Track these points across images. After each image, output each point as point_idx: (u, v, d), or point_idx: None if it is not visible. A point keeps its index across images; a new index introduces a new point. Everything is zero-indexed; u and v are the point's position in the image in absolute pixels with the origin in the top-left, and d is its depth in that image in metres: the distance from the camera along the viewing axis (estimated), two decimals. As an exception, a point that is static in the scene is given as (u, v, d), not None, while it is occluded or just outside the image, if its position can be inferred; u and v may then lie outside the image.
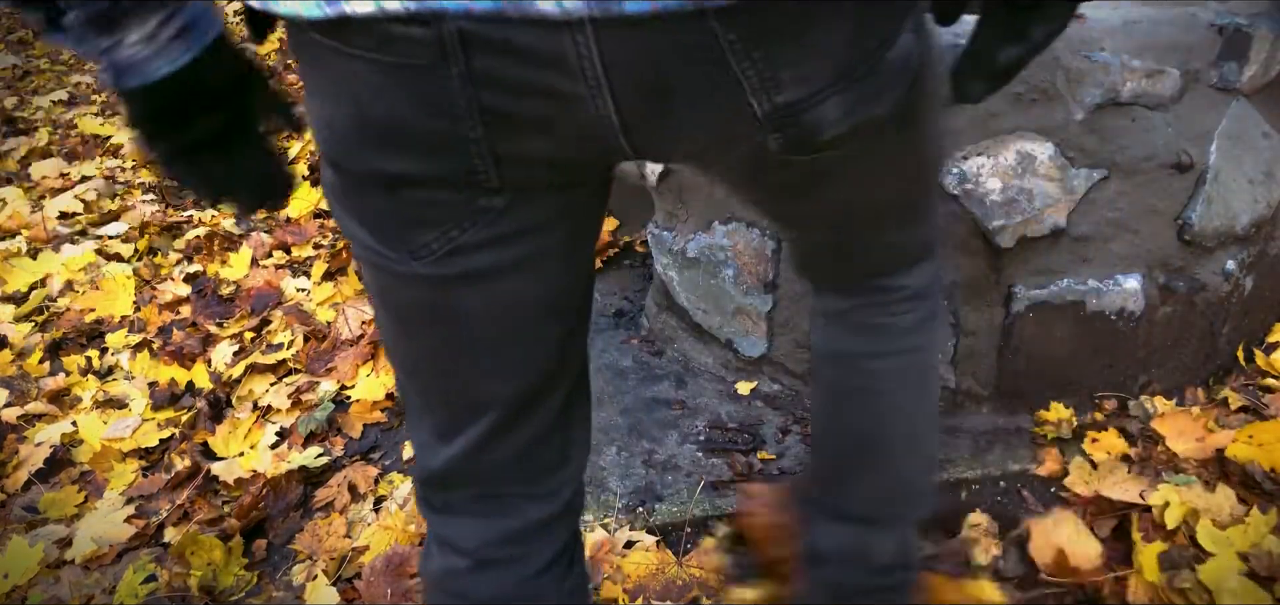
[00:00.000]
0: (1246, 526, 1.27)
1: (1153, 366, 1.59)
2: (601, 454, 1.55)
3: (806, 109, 0.62)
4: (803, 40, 0.59)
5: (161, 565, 1.48)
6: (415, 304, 0.71)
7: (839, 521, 1.00)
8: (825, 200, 0.79)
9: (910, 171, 0.81)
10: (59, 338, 2.19)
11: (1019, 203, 1.44)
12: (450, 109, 0.58)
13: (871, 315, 0.93)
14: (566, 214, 0.70)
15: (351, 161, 0.64)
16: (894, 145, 0.74)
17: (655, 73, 0.58)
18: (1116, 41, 1.40)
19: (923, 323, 0.93)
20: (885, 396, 0.96)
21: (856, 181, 0.76)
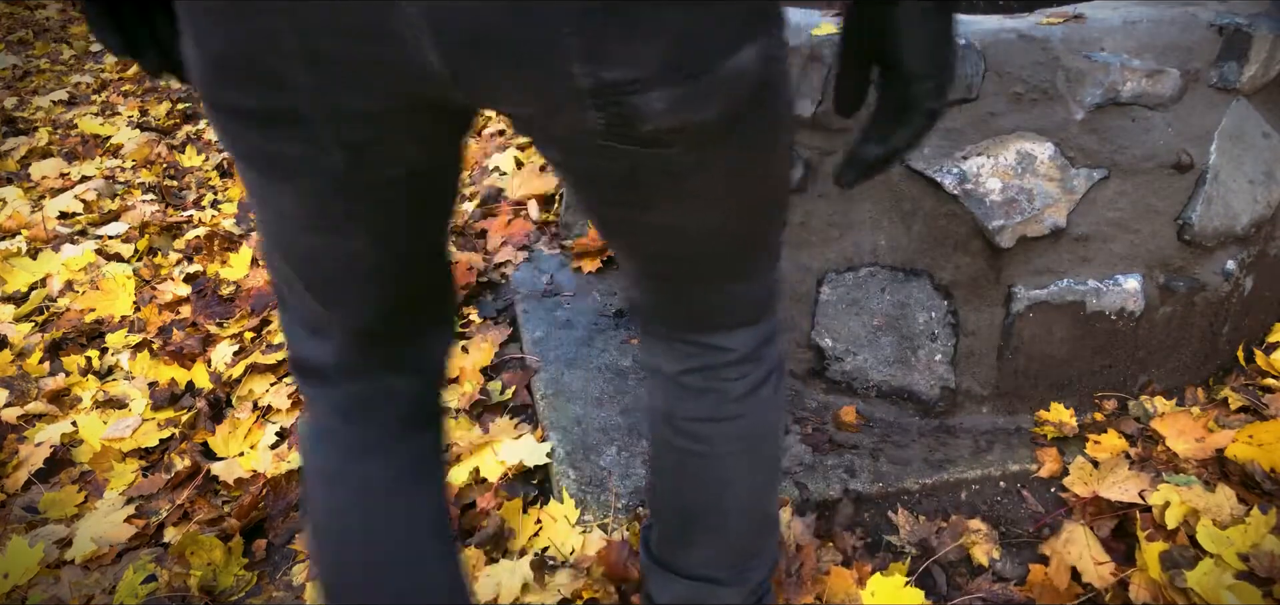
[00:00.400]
0: (1246, 526, 1.27)
1: (1153, 366, 1.59)
2: (602, 454, 1.55)
3: (632, 93, 0.63)
4: (634, 21, 0.60)
5: (161, 565, 1.48)
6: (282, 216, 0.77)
7: (677, 577, 1.01)
8: (651, 214, 0.79)
9: (742, 205, 0.80)
10: (59, 338, 2.19)
11: (1019, 203, 1.44)
12: (279, 48, 0.61)
13: (700, 379, 0.93)
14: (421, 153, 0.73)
15: (206, 92, 0.68)
16: (724, 166, 0.74)
17: (479, 22, 0.59)
18: (1116, 41, 1.40)
19: (754, 389, 0.93)
20: (718, 463, 0.95)
21: (682, 200, 0.77)
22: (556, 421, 1.63)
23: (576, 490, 1.47)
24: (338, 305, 0.82)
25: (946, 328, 1.55)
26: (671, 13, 0.61)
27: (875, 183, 1.49)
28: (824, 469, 1.50)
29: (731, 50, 0.64)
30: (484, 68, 0.62)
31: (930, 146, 1.45)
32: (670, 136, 0.68)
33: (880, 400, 1.63)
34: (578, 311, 2.01)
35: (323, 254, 0.78)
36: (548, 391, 1.72)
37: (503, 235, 2.42)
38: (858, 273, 1.57)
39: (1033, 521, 1.41)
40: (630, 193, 0.77)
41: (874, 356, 1.60)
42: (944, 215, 1.48)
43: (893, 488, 1.47)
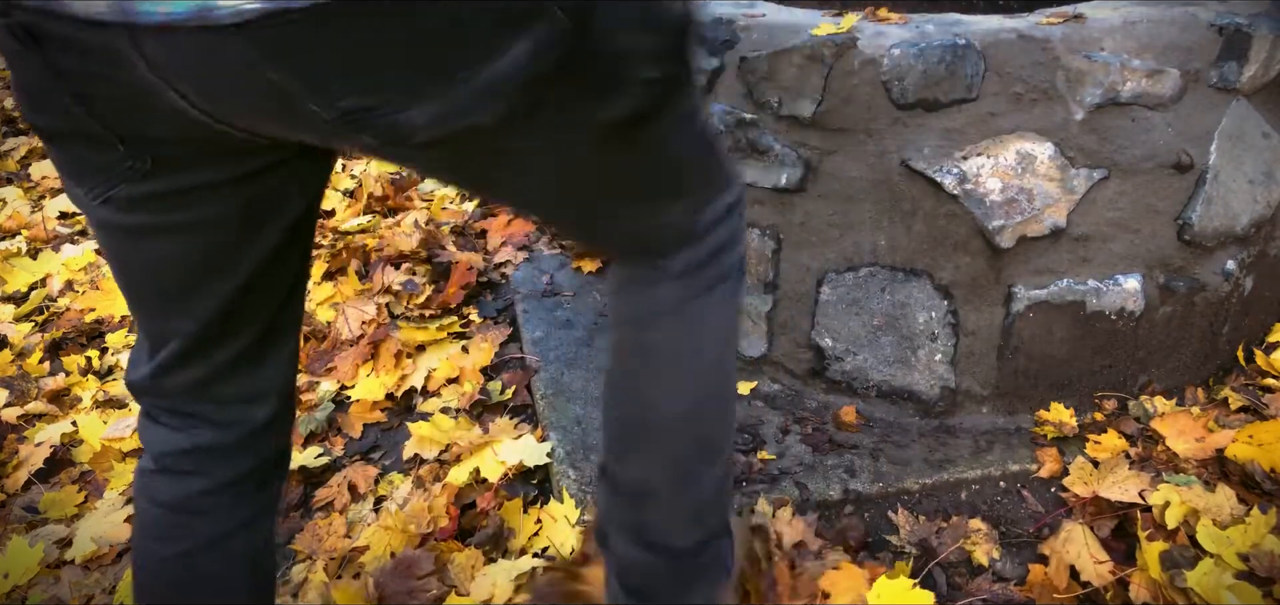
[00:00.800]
0: (1246, 526, 1.27)
1: (1153, 366, 1.59)
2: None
3: (384, 115, 0.64)
4: (356, 57, 0.61)
5: (161, 565, 1.48)
6: (101, 238, 0.80)
7: (617, 494, 0.99)
8: (501, 190, 0.80)
9: (604, 170, 0.80)
10: (59, 338, 2.19)
11: (1019, 203, 1.44)
12: (51, 85, 0.66)
13: (640, 289, 0.93)
14: (234, 185, 0.75)
15: (21, 110, 0.72)
16: (551, 147, 0.74)
17: (199, 72, 0.62)
18: (1116, 41, 1.40)
19: (698, 299, 0.92)
20: (654, 372, 0.95)
21: (522, 176, 0.77)
22: (556, 421, 1.63)
23: (576, 490, 1.47)
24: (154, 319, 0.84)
25: (946, 328, 1.55)
26: (405, 31, 0.61)
27: (875, 183, 1.49)
28: (824, 469, 1.50)
29: (488, 56, 0.64)
30: (234, 111, 0.65)
31: (930, 146, 1.45)
32: (455, 139, 0.68)
33: (880, 400, 1.63)
34: (578, 311, 2.01)
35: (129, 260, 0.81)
36: (548, 391, 1.72)
37: (503, 235, 2.42)
38: (858, 273, 1.57)
39: (1033, 521, 1.41)
40: (466, 178, 0.78)
41: (874, 356, 1.60)
42: (944, 215, 1.48)
43: (893, 488, 1.47)
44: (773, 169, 1.56)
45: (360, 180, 2.89)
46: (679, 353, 0.94)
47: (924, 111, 1.43)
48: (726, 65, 1.55)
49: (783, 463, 1.52)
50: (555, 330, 1.93)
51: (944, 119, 1.43)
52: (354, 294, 2.24)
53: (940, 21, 1.47)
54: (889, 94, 1.43)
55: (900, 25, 1.46)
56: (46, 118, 0.71)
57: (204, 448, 0.90)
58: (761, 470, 1.50)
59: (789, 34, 1.47)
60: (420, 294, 2.18)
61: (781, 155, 1.54)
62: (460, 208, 2.66)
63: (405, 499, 1.54)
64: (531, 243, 2.37)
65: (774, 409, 1.66)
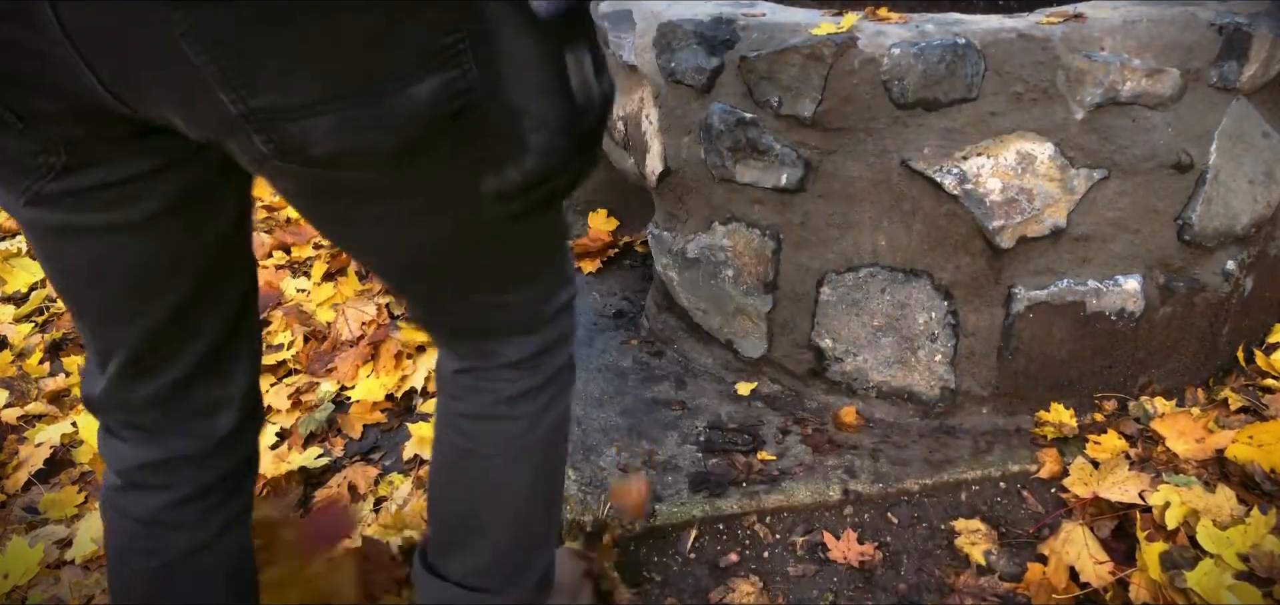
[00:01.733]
0: (1246, 526, 1.27)
1: (1153, 367, 1.59)
2: (602, 454, 1.55)
3: (292, 119, 0.64)
4: (283, 51, 0.60)
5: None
6: (34, 244, 0.78)
7: (443, 582, 1.00)
8: (362, 233, 0.80)
9: (463, 229, 0.80)
10: (59, 338, 2.19)
11: (1019, 203, 1.44)
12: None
13: (471, 379, 0.93)
14: (155, 181, 0.74)
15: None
16: (426, 190, 0.75)
17: (116, 44, 0.60)
18: (1116, 41, 1.40)
19: (528, 394, 0.93)
20: (485, 465, 0.95)
21: (388, 221, 0.77)
22: (556, 422, 1.63)
23: (576, 490, 1.47)
24: (98, 330, 0.83)
25: (946, 328, 1.55)
26: (326, 39, 0.61)
27: (875, 183, 1.49)
28: (824, 469, 1.50)
29: (404, 81, 0.65)
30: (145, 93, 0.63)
31: (930, 146, 1.45)
32: (348, 160, 0.68)
33: (880, 400, 1.63)
34: (578, 311, 2.01)
35: (63, 266, 0.78)
36: (548, 392, 1.72)
37: (503, 235, 2.41)
38: (858, 273, 1.57)
39: (1033, 522, 1.41)
40: (334, 212, 0.77)
41: (874, 357, 1.60)
42: (944, 215, 1.48)
43: (893, 488, 1.47)
44: (773, 169, 1.56)
45: (360, 180, 2.89)
46: (512, 448, 0.94)
47: (924, 111, 1.43)
48: (726, 65, 1.55)
49: (783, 463, 1.52)
50: (555, 330, 1.93)
51: (944, 119, 1.43)
52: (354, 294, 2.24)
53: (940, 21, 1.47)
54: (889, 94, 1.43)
55: (900, 25, 1.46)
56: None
57: (168, 461, 0.89)
58: (761, 470, 1.50)
59: (789, 34, 1.47)
60: (420, 294, 2.17)
61: (781, 155, 1.54)
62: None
63: (405, 499, 1.54)
64: (531, 243, 2.37)
65: (774, 409, 1.66)
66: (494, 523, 0.97)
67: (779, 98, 1.50)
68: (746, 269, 1.66)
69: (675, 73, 1.62)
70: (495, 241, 0.84)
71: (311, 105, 0.63)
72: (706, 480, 1.48)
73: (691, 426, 1.62)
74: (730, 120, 1.56)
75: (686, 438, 1.59)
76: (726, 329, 1.74)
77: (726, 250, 1.67)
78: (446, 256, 0.83)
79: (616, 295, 2.07)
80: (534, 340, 0.92)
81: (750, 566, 1.37)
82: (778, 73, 1.49)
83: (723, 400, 1.69)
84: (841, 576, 1.34)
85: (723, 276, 1.69)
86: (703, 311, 1.76)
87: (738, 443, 1.57)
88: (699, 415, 1.65)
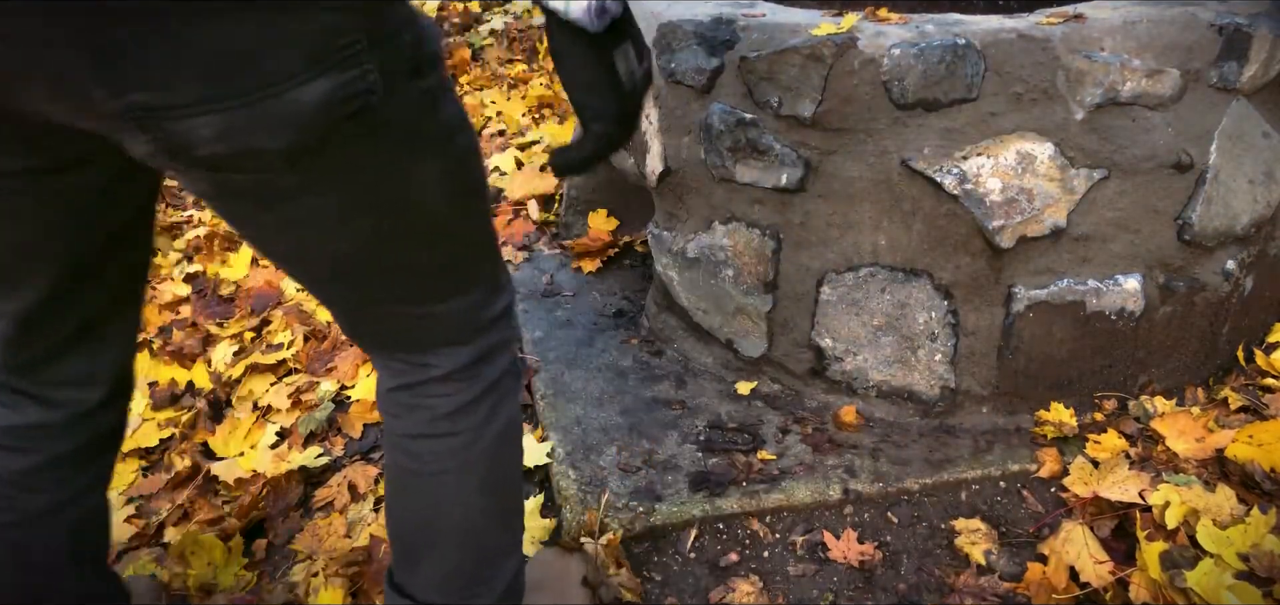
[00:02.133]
0: (1246, 526, 1.27)
1: (1153, 366, 1.59)
2: (602, 454, 1.55)
3: (174, 118, 0.63)
4: (160, 48, 0.60)
5: (161, 565, 1.48)
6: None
7: (407, 600, 1.00)
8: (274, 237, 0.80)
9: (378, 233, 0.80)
10: (59, 338, 2.19)
11: (1019, 203, 1.44)
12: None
13: (407, 396, 0.93)
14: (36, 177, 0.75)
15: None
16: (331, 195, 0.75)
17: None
18: (1116, 41, 1.40)
19: (465, 409, 0.92)
20: (430, 482, 0.95)
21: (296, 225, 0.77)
22: (556, 421, 1.63)
23: (576, 490, 1.47)
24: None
25: (946, 328, 1.55)
26: (206, 37, 0.60)
27: (875, 183, 1.49)
28: (824, 468, 1.50)
29: (291, 81, 0.64)
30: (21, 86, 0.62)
31: (930, 146, 1.45)
32: (238, 162, 0.68)
33: (880, 400, 1.63)
34: (578, 311, 2.01)
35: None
36: (548, 391, 1.72)
37: (503, 235, 2.42)
38: (858, 273, 1.57)
39: (1033, 521, 1.41)
40: (244, 213, 0.77)
41: (874, 356, 1.60)
42: (944, 215, 1.48)
43: (893, 488, 1.47)
44: (773, 169, 1.56)
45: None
46: (456, 464, 0.93)
47: (924, 111, 1.43)
48: (726, 65, 1.55)
49: (783, 462, 1.52)
50: (555, 330, 1.93)
51: (944, 119, 1.43)
52: (354, 294, 2.24)
53: (940, 21, 1.47)
54: (889, 94, 1.43)
55: (900, 25, 1.46)
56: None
57: (34, 425, 0.91)
58: (761, 470, 1.50)
59: (789, 34, 1.47)
60: (420, 294, 2.18)
61: (781, 155, 1.54)
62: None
63: (405, 499, 1.54)
64: (531, 243, 2.37)
65: (774, 409, 1.66)
66: (446, 538, 0.96)
67: (779, 98, 1.50)
68: (746, 269, 1.66)
69: (675, 73, 1.62)
70: (422, 247, 0.84)
71: (191, 105, 0.62)
72: (706, 480, 1.48)
73: (691, 426, 1.62)
74: (730, 120, 1.56)
75: (686, 437, 1.59)
76: (726, 329, 1.74)
77: (726, 250, 1.67)
78: (369, 263, 0.83)
79: (616, 295, 2.07)
80: (467, 350, 0.91)
81: (750, 566, 1.37)
82: (778, 73, 1.49)
83: (723, 400, 1.69)
84: (841, 576, 1.34)
85: (723, 276, 1.69)
86: (703, 311, 1.76)
87: (738, 442, 1.57)
88: (699, 415, 1.65)
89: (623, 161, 1.89)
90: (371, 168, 0.75)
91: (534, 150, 2.99)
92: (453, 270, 0.88)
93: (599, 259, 2.19)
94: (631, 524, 1.41)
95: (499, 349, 0.94)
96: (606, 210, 2.28)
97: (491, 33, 4.58)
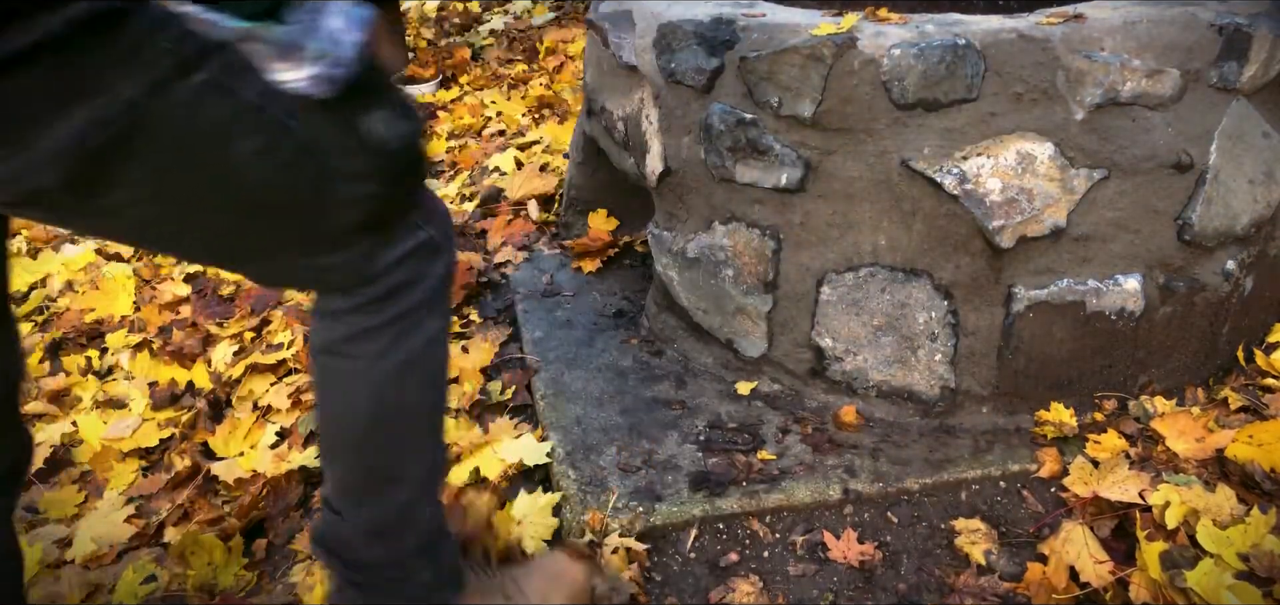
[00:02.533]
0: (1246, 526, 1.27)
1: (1153, 366, 1.59)
2: (602, 454, 1.55)
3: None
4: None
5: (161, 565, 1.48)
6: None
7: (326, 507, 1.08)
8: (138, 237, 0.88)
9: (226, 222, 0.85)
10: (59, 338, 2.19)
11: (1019, 203, 1.44)
12: None
13: (324, 318, 0.99)
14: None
15: None
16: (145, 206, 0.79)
17: None
18: (1116, 41, 1.40)
19: (363, 335, 0.97)
20: (328, 397, 1.02)
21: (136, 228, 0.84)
22: (556, 421, 1.64)
23: (576, 490, 1.47)
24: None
25: (946, 328, 1.55)
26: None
27: (875, 183, 1.49)
28: (824, 468, 1.50)
29: (42, 126, 0.69)
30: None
31: (930, 146, 1.45)
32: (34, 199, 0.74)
33: (880, 400, 1.63)
34: (578, 311, 2.01)
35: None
36: (548, 391, 1.72)
37: (503, 235, 2.42)
38: (858, 273, 1.57)
39: (1033, 521, 1.41)
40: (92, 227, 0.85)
41: (874, 356, 1.60)
42: (944, 215, 1.48)
43: (893, 488, 1.47)
44: (773, 169, 1.56)
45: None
46: (352, 384, 0.99)
47: (924, 111, 1.43)
48: (726, 65, 1.55)
49: (783, 462, 1.52)
50: (555, 330, 1.93)
51: (944, 119, 1.43)
52: (354, 294, 2.24)
53: (940, 21, 1.47)
54: (889, 94, 1.43)
55: (900, 25, 1.46)
56: None
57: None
58: (761, 470, 1.50)
59: (789, 34, 1.47)
60: (420, 294, 2.17)
61: (781, 155, 1.54)
62: (460, 208, 2.66)
63: (405, 499, 1.54)
64: (531, 243, 2.37)
65: (774, 409, 1.66)
66: (339, 450, 1.04)
67: (779, 98, 1.50)
68: (746, 269, 1.66)
69: (675, 73, 1.62)
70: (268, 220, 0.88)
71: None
72: (706, 480, 1.48)
73: (691, 426, 1.62)
74: (730, 120, 1.56)
75: (686, 437, 1.59)
76: (726, 329, 1.74)
77: (726, 250, 1.67)
78: (232, 241, 0.89)
79: (616, 295, 2.07)
80: (368, 290, 0.95)
81: (750, 566, 1.37)
82: (778, 73, 1.49)
83: (723, 400, 1.69)
84: (841, 576, 1.34)
85: (723, 276, 1.69)
86: (703, 311, 1.77)
87: (738, 442, 1.57)
88: (699, 415, 1.65)
89: (623, 161, 1.89)
90: (176, 166, 0.78)
91: (534, 150, 2.99)
92: (318, 232, 0.91)
93: (599, 259, 2.19)
94: (631, 524, 1.41)
95: (407, 286, 0.97)
96: (606, 210, 2.28)
97: (491, 33, 4.58)
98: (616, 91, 1.85)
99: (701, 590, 1.33)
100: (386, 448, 1.03)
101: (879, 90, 1.43)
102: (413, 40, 4.54)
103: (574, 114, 3.27)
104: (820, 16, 1.53)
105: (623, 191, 2.21)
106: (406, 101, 0.83)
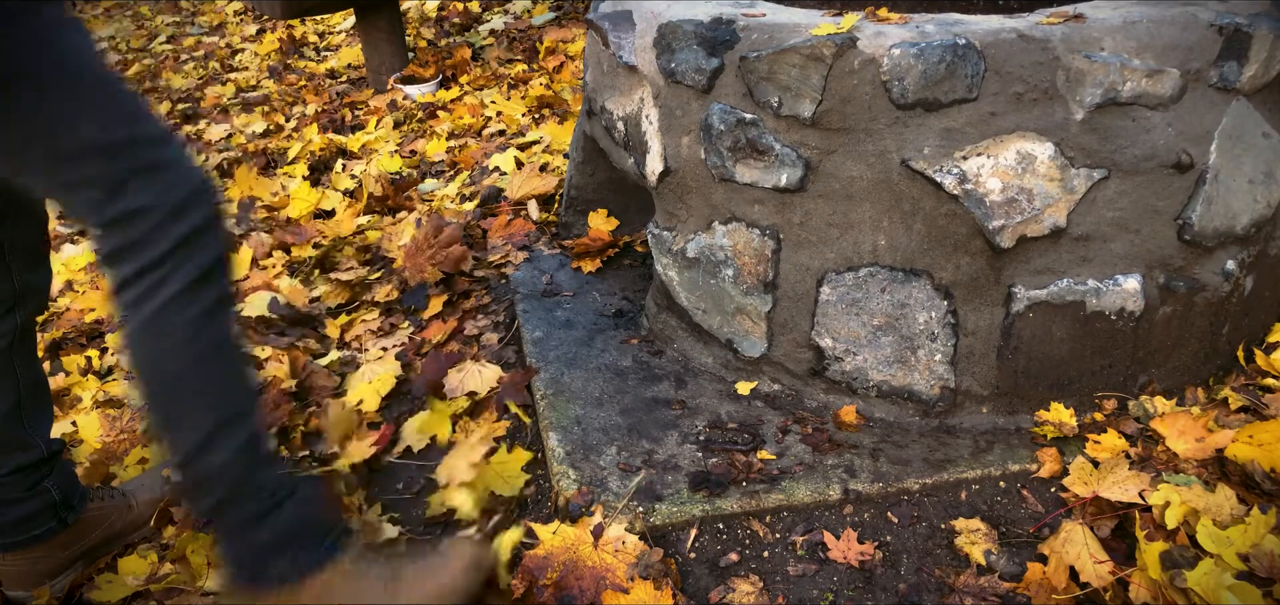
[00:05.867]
0: (1246, 526, 1.27)
1: (1153, 366, 1.59)
2: (602, 454, 1.55)
3: None
4: None
5: (161, 565, 1.48)
6: None
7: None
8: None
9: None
10: (59, 338, 2.19)
11: (1019, 203, 1.44)
12: None
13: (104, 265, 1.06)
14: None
15: None
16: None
17: None
18: (1116, 41, 1.40)
19: (121, 287, 1.04)
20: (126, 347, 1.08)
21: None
22: (556, 421, 1.64)
23: (576, 489, 1.47)
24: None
25: (946, 328, 1.55)
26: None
27: (875, 183, 1.49)
28: (824, 468, 1.50)
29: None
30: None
31: (930, 146, 1.45)
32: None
33: (880, 400, 1.63)
34: (578, 311, 2.01)
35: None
36: (548, 391, 1.72)
37: (503, 235, 2.42)
38: (858, 273, 1.57)
39: (1032, 521, 1.41)
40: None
41: (874, 356, 1.60)
42: (944, 215, 1.48)
43: (893, 487, 1.47)
44: (773, 169, 1.56)
45: (360, 180, 2.90)
46: (124, 331, 1.06)
47: (924, 111, 1.43)
48: (726, 65, 1.55)
49: (783, 462, 1.52)
50: (555, 330, 1.93)
51: (944, 119, 1.43)
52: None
53: (940, 21, 1.47)
54: (889, 94, 1.43)
55: (900, 25, 1.46)
56: None
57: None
58: (761, 470, 1.50)
59: (789, 34, 1.47)
60: (420, 294, 2.17)
61: (781, 155, 1.54)
62: (460, 208, 2.66)
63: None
64: (531, 243, 2.37)
65: (774, 409, 1.66)
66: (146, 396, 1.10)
67: (779, 98, 1.50)
68: (746, 268, 1.66)
69: (675, 73, 1.62)
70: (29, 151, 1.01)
71: None
72: (706, 480, 1.48)
73: (691, 426, 1.62)
74: (730, 120, 1.56)
75: (686, 437, 1.59)
76: (726, 328, 1.74)
77: (726, 250, 1.68)
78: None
79: (616, 295, 2.07)
80: (112, 237, 1.03)
81: (750, 566, 1.37)
82: (778, 73, 1.49)
83: (722, 400, 1.69)
84: (841, 576, 1.34)
85: (723, 276, 1.69)
86: (703, 311, 1.77)
87: (738, 442, 1.57)
88: (699, 415, 1.65)
89: (623, 161, 1.89)
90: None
91: (534, 150, 3.00)
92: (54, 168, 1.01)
93: (599, 259, 2.19)
94: (631, 524, 1.41)
95: (143, 244, 1.03)
96: (606, 210, 2.29)
97: (491, 33, 4.58)
98: (616, 91, 1.85)
99: (701, 590, 1.33)
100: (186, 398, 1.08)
101: (879, 90, 1.43)
102: (413, 40, 4.54)
103: (574, 114, 3.27)
104: (820, 16, 1.53)
105: (623, 191, 2.21)
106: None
